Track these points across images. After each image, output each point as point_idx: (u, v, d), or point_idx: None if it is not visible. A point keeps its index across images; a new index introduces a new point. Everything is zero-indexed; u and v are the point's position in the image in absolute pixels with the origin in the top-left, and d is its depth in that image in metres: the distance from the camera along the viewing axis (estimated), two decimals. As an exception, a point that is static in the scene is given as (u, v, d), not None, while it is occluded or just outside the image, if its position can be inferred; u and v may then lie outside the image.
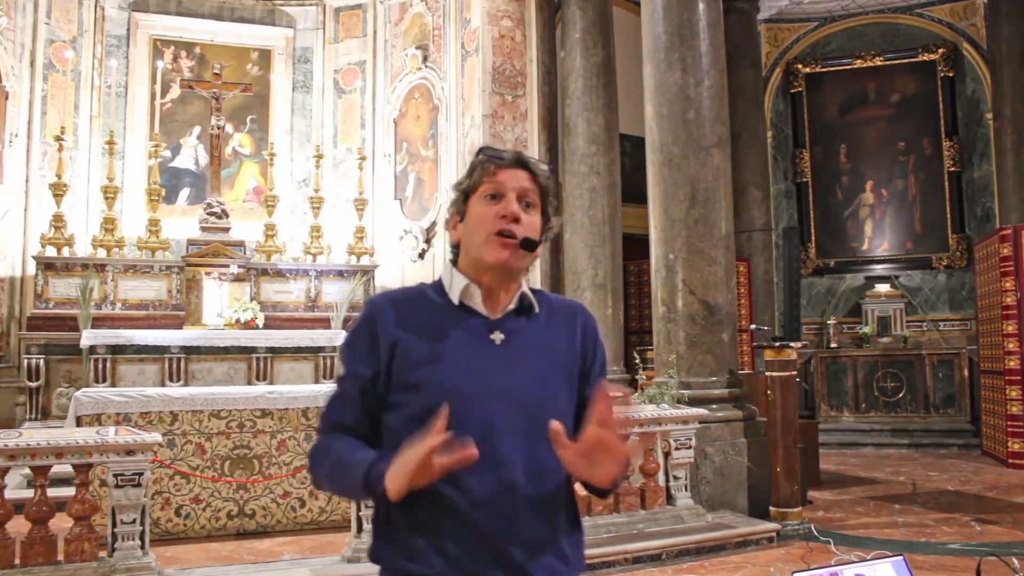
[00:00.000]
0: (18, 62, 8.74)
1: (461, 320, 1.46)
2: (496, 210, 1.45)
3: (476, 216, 1.47)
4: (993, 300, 8.23)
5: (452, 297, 1.48)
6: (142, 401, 4.97)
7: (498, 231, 1.44)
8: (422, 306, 1.48)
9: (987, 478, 7.30)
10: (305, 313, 8.83)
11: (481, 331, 1.46)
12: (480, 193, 1.48)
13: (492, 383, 1.42)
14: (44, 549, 3.79)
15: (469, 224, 1.48)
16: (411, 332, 1.44)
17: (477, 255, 1.46)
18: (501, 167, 1.48)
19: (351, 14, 10.11)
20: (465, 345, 1.44)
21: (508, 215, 1.44)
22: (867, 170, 10.63)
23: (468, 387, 1.41)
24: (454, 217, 1.52)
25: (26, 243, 8.54)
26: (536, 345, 1.49)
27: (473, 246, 1.46)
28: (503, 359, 1.45)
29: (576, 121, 8.31)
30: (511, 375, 1.44)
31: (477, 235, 1.45)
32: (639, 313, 10.31)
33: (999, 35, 9.55)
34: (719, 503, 5.44)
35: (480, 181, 1.48)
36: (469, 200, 1.49)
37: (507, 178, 1.47)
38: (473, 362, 1.43)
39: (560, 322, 1.54)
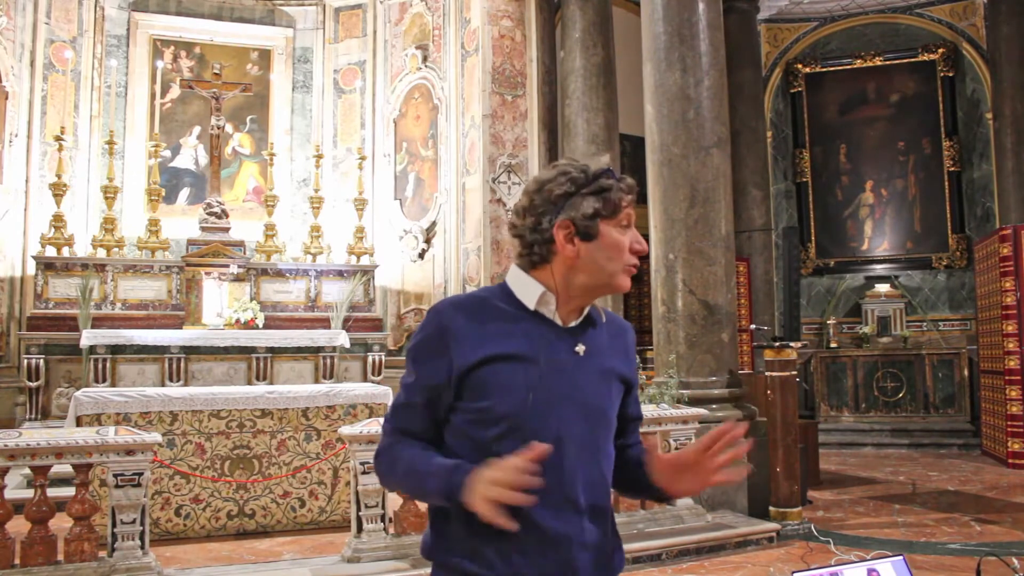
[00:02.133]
0: (18, 62, 8.74)
1: (537, 326, 1.49)
2: (630, 243, 1.51)
3: (613, 243, 1.49)
4: (993, 300, 8.23)
5: (527, 303, 1.50)
6: (142, 401, 4.97)
7: (631, 263, 1.51)
8: (492, 312, 1.49)
9: (987, 478, 7.30)
10: (305, 313, 8.82)
11: (559, 340, 1.49)
12: (618, 221, 1.50)
13: (568, 393, 1.46)
14: (44, 549, 3.79)
15: (602, 248, 1.49)
16: (485, 337, 1.45)
17: (607, 280, 1.50)
18: (631, 198, 1.53)
19: (351, 14, 10.11)
20: (545, 352, 1.47)
21: (642, 251, 1.52)
22: (867, 170, 10.63)
23: (545, 395, 1.44)
24: (568, 229, 1.49)
25: (26, 243, 8.53)
26: (601, 358, 1.53)
27: (603, 271, 1.49)
28: (580, 370, 1.49)
29: (576, 121, 8.31)
30: (584, 387, 1.49)
31: (611, 263, 1.49)
32: (639, 313, 10.31)
33: (999, 35, 9.55)
34: (719, 503, 5.44)
35: (619, 208, 1.50)
36: (602, 222, 1.49)
37: (633, 211, 1.53)
38: (553, 370, 1.46)
39: (614, 338, 1.59)
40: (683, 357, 5.68)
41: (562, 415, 1.45)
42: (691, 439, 5.13)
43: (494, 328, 1.47)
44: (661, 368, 5.78)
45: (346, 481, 5.23)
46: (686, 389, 5.53)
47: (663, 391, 5.43)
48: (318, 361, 8.25)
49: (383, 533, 4.36)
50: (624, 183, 1.52)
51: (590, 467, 1.48)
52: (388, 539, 4.36)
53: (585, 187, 1.49)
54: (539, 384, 1.44)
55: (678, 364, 5.64)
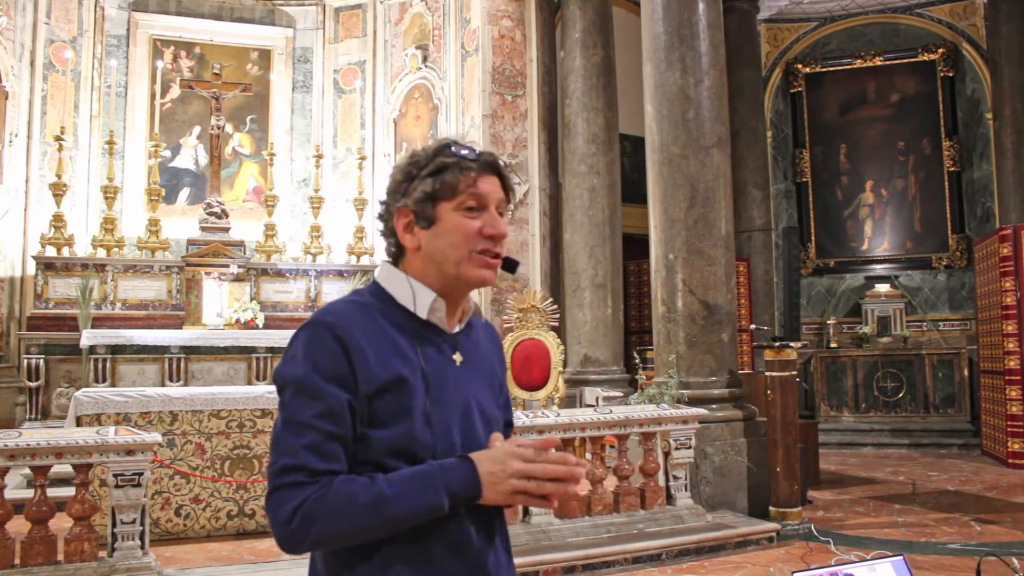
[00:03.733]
0: (18, 62, 8.74)
1: (429, 338, 1.34)
2: (479, 227, 1.32)
3: (453, 228, 1.31)
4: (993, 300, 8.23)
5: (420, 312, 1.34)
6: (142, 401, 4.97)
7: (482, 250, 1.32)
8: (385, 325, 1.31)
9: (987, 478, 7.30)
10: (305, 313, 8.82)
11: (443, 349, 1.36)
12: (458, 202, 1.32)
13: (464, 407, 1.35)
14: (44, 549, 3.79)
15: (443, 235, 1.32)
16: (388, 358, 1.28)
17: (454, 271, 1.32)
18: (479, 173, 1.33)
19: (351, 14, 10.12)
20: (438, 368, 1.33)
21: (497, 235, 1.33)
22: (867, 170, 10.62)
23: (453, 415, 1.32)
24: (407, 218, 1.34)
25: (26, 243, 8.54)
26: (480, 363, 1.42)
27: (447, 260, 1.32)
28: (465, 381, 1.37)
29: (576, 121, 8.31)
30: (476, 396, 1.38)
31: (455, 250, 1.31)
32: (639, 313, 10.31)
33: (999, 35, 9.54)
34: (719, 503, 5.44)
35: (457, 187, 1.31)
36: (438, 205, 1.32)
37: (487, 187, 1.33)
38: (449, 386, 1.33)
39: (484, 339, 1.47)
40: (683, 357, 5.68)
41: (466, 429, 1.33)
42: (691, 439, 5.14)
43: (386, 343, 1.29)
44: (661, 368, 5.78)
45: (346, 481, 5.22)
46: (686, 389, 5.52)
47: (663, 391, 5.43)
48: (318, 361, 8.24)
49: (383, 533, 4.35)
50: (467, 157, 1.32)
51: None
52: (388, 539, 4.35)
53: (424, 167, 1.33)
54: (434, 405, 1.29)
55: (678, 364, 5.64)
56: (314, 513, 1.19)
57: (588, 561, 4.46)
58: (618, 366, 8.20)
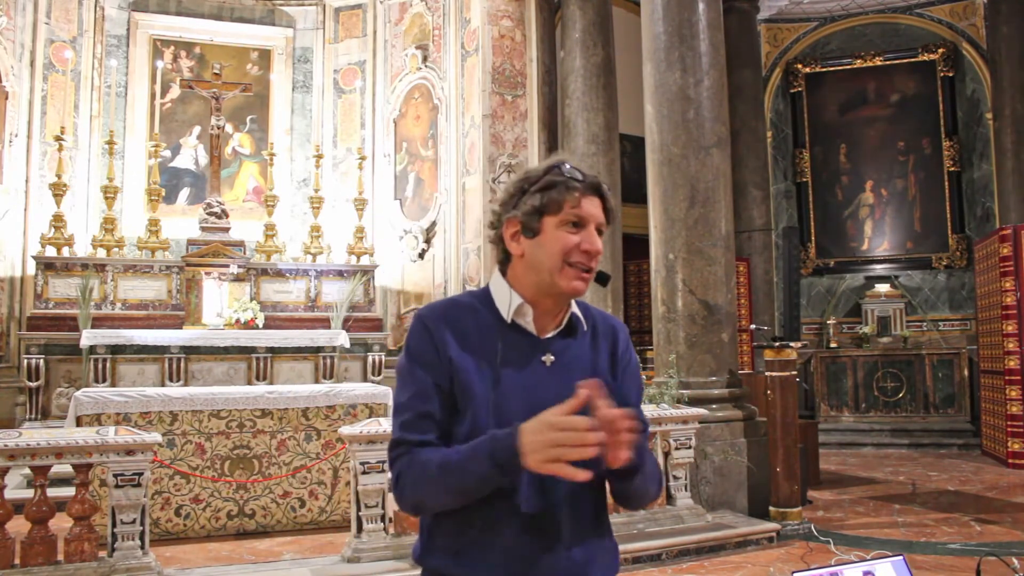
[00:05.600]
0: (18, 62, 8.74)
1: (512, 339, 1.46)
2: (578, 242, 1.44)
3: (555, 241, 1.43)
4: (993, 300, 8.23)
5: (504, 314, 1.47)
6: (142, 401, 4.97)
7: (576, 263, 1.44)
8: (473, 323, 1.46)
9: (987, 478, 7.30)
10: (305, 313, 8.82)
11: (532, 351, 1.46)
12: (562, 218, 1.44)
13: (543, 405, 1.38)
14: (44, 549, 3.79)
15: (544, 246, 1.44)
16: (465, 352, 1.43)
17: (549, 280, 1.44)
18: (584, 193, 1.45)
19: (351, 14, 10.11)
20: (516, 366, 1.44)
21: (592, 252, 1.45)
22: (867, 170, 10.63)
23: (519, 408, 1.39)
24: (514, 228, 1.47)
25: (26, 243, 8.53)
26: (581, 364, 1.49)
27: (545, 269, 1.44)
28: (552, 380, 1.45)
29: (576, 121, 8.31)
30: (560, 397, 1.40)
31: (553, 260, 1.43)
32: (639, 313, 10.31)
33: (999, 35, 9.55)
34: (719, 503, 5.44)
35: (562, 204, 1.43)
36: (544, 219, 1.44)
37: (589, 207, 1.45)
38: (524, 383, 1.43)
39: (601, 340, 1.55)
40: (683, 357, 5.68)
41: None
42: (691, 439, 5.14)
43: (472, 341, 1.44)
44: (661, 368, 5.78)
45: (346, 481, 5.23)
46: (686, 389, 5.52)
47: (663, 391, 5.43)
48: (318, 361, 8.25)
49: (383, 533, 4.36)
50: (574, 178, 1.44)
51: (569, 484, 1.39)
52: (388, 539, 4.36)
53: (535, 183, 1.45)
54: (511, 398, 1.41)
55: (678, 364, 5.64)
56: (405, 479, 1.42)
57: (588, 561, 4.45)
58: (618, 366, 8.18)
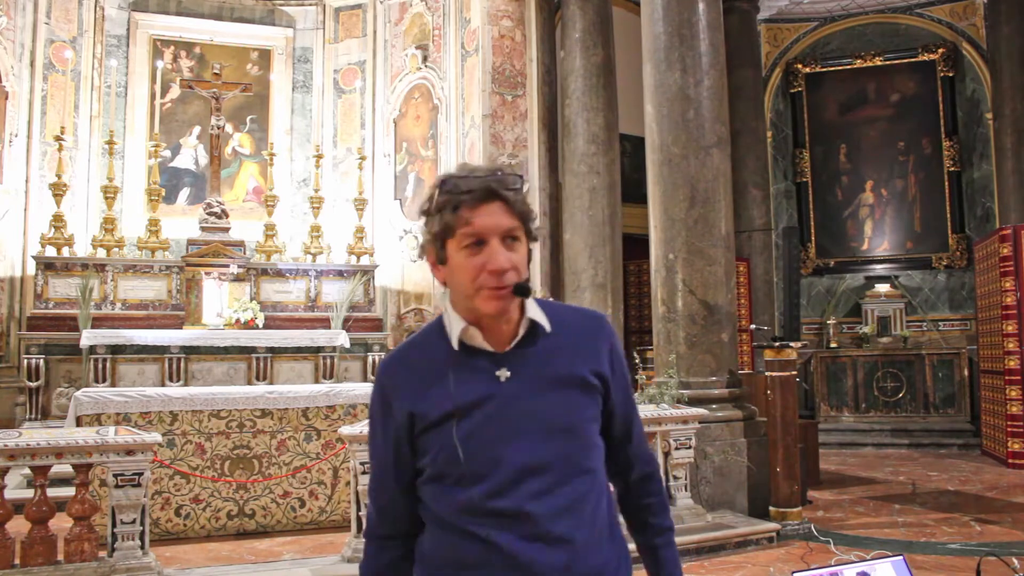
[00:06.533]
0: (18, 62, 8.74)
1: (467, 363, 1.37)
2: (481, 263, 1.31)
3: (459, 267, 1.33)
4: (993, 300, 8.23)
5: (452, 342, 1.39)
6: (142, 401, 4.97)
7: (485, 285, 1.32)
8: (426, 360, 1.40)
9: (987, 478, 7.30)
10: (305, 313, 8.82)
11: (488, 369, 1.36)
12: (459, 241, 1.32)
13: (509, 422, 1.34)
14: (44, 549, 3.79)
15: (455, 273, 1.35)
16: (419, 393, 1.38)
17: (469, 304, 1.35)
18: (473, 207, 1.30)
19: (351, 14, 10.11)
20: (472, 390, 1.35)
21: (496, 271, 1.30)
22: (867, 170, 10.62)
23: (488, 432, 1.33)
24: (431, 257, 1.38)
25: (26, 243, 8.54)
26: (545, 371, 1.38)
27: (462, 295, 1.35)
28: (513, 393, 1.35)
29: (576, 121, 8.31)
30: (534, 405, 1.36)
31: (465, 287, 1.33)
32: (639, 313, 10.31)
33: (999, 35, 9.54)
34: (719, 503, 5.43)
35: (454, 226, 1.31)
36: (447, 244, 1.34)
37: (484, 220, 1.30)
38: (485, 405, 1.34)
39: (577, 338, 1.43)
40: (683, 357, 5.68)
41: (511, 446, 1.33)
42: (691, 439, 5.13)
43: (426, 379, 1.38)
44: (661, 368, 5.78)
45: (346, 481, 5.23)
46: (686, 389, 5.52)
47: (663, 391, 5.42)
48: (318, 361, 8.25)
49: (383, 533, 4.35)
50: (465, 191, 1.30)
51: (563, 492, 1.34)
52: (388, 539, 4.34)
53: (432, 203, 1.35)
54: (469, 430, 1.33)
55: (678, 364, 5.64)
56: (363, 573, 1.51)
57: (588, 561, 4.45)
58: (618, 366, 8.18)
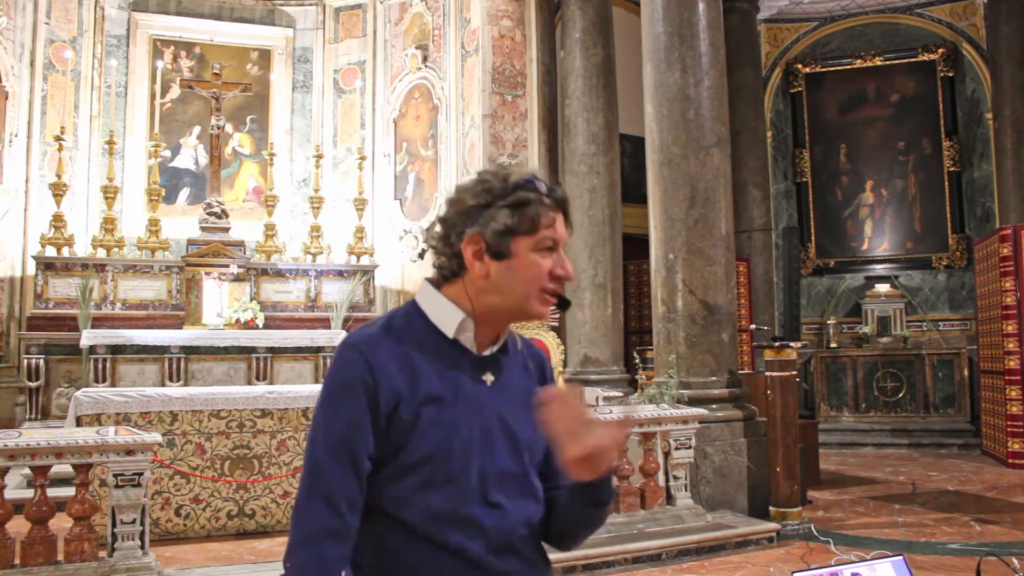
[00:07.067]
0: (18, 62, 8.74)
1: (453, 358, 1.35)
2: (551, 267, 1.33)
3: (530, 266, 1.32)
4: (993, 300, 8.23)
5: (446, 331, 1.35)
6: (142, 401, 4.97)
7: (548, 289, 1.34)
8: (413, 344, 1.34)
9: (987, 478, 7.30)
10: (305, 313, 8.82)
11: (472, 370, 1.36)
12: (537, 241, 1.32)
13: (489, 427, 1.35)
14: (44, 549, 3.79)
15: (517, 271, 1.32)
16: (408, 374, 1.31)
17: (517, 304, 1.34)
18: (555, 213, 1.34)
19: (351, 14, 10.11)
20: (460, 386, 1.34)
21: (565, 278, 1.35)
22: (867, 170, 10.62)
23: (470, 431, 1.33)
24: (478, 246, 1.33)
25: (26, 243, 8.53)
26: (518, 385, 1.42)
27: (514, 294, 1.33)
28: (495, 401, 1.36)
29: (576, 121, 8.31)
30: (506, 417, 1.37)
31: (526, 287, 1.33)
32: (639, 313, 10.31)
33: (999, 35, 9.54)
34: (719, 503, 5.44)
35: (538, 226, 1.32)
36: (516, 240, 1.32)
37: (560, 229, 1.35)
38: (471, 404, 1.34)
39: (531, 365, 1.47)
40: (683, 357, 5.68)
41: (486, 452, 1.33)
42: (691, 439, 5.14)
43: (415, 362, 1.32)
44: (661, 368, 5.78)
45: (346, 481, 5.22)
46: (686, 389, 5.52)
47: (663, 391, 5.43)
48: (318, 361, 8.25)
49: (383, 533, 4.35)
50: (549, 197, 1.34)
51: (524, 503, 1.37)
52: (388, 539, 4.35)
53: (502, 199, 1.32)
54: (458, 423, 1.31)
55: (678, 364, 5.64)
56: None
57: (588, 561, 4.46)
58: (618, 366, 8.20)
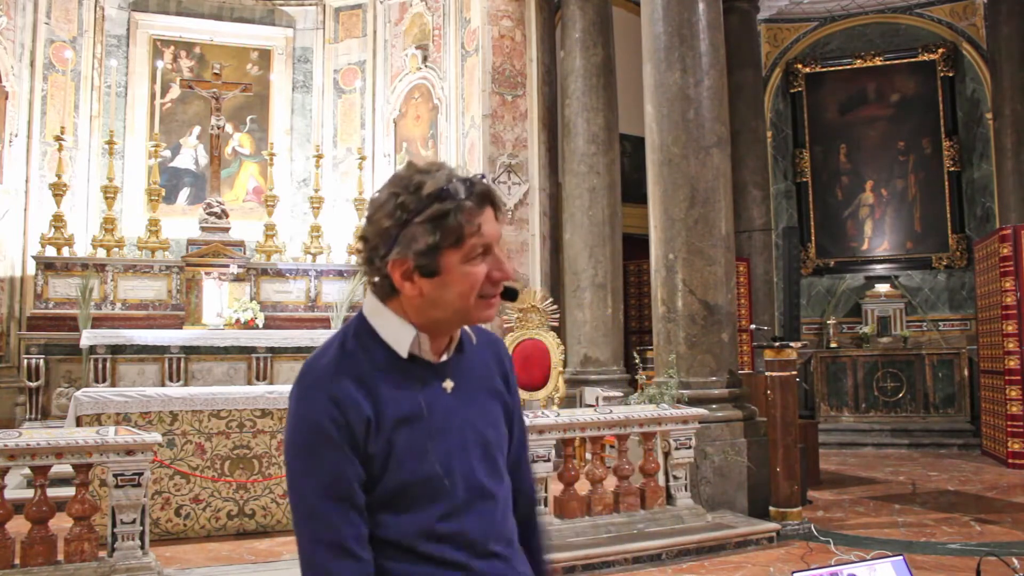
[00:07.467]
0: (18, 62, 8.74)
1: (413, 373, 1.30)
2: (486, 271, 1.27)
3: (461, 278, 1.25)
4: (993, 300, 8.23)
5: (400, 350, 1.30)
6: (142, 401, 4.97)
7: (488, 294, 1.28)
8: (371, 369, 1.28)
9: (987, 478, 7.30)
10: (305, 313, 8.83)
11: (432, 380, 1.32)
12: (466, 252, 1.25)
13: (456, 435, 1.32)
14: (44, 549, 3.79)
15: (449, 285, 1.25)
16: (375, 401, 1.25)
17: (458, 316, 1.29)
18: (478, 214, 1.26)
19: (351, 14, 10.12)
20: (424, 401, 1.30)
21: (506, 278, 1.28)
22: (867, 170, 10.62)
23: (442, 444, 1.29)
24: (404, 267, 1.25)
25: (26, 243, 8.54)
26: (477, 383, 1.38)
27: (452, 307, 1.27)
28: (458, 406, 1.33)
29: (576, 121, 8.31)
30: (473, 420, 1.35)
31: (460, 299, 1.26)
32: (639, 313, 10.31)
33: (999, 35, 9.54)
34: (719, 503, 5.43)
35: (463, 236, 1.24)
36: (443, 255, 1.24)
37: (490, 227, 1.27)
38: (435, 417, 1.30)
39: (487, 355, 1.44)
40: (683, 357, 5.68)
41: (464, 462, 1.31)
42: (691, 439, 5.14)
43: (377, 387, 1.26)
44: (661, 368, 5.78)
45: (346, 481, 5.22)
46: (686, 389, 5.53)
47: (663, 391, 5.43)
48: (318, 361, 8.24)
49: (383, 533, 4.35)
50: (470, 199, 1.25)
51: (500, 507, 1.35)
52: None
53: (418, 215, 1.23)
54: (432, 441, 1.28)
55: (678, 364, 5.64)
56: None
57: (588, 561, 4.46)
58: (618, 366, 8.20)
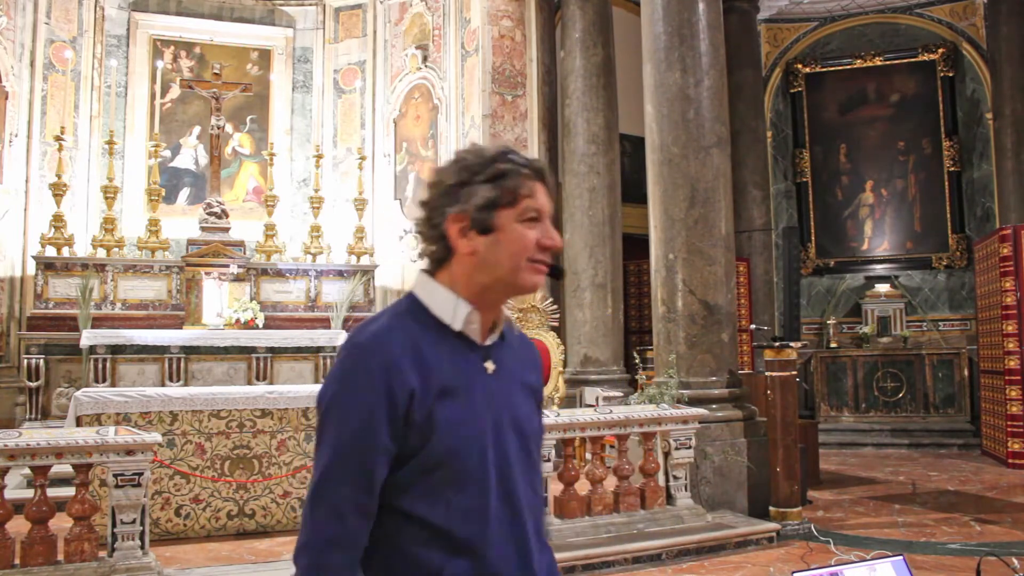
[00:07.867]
0: (18, 62, 8.74)
1: (462, 351, 1.34)
2: (537, 237, 1.33)
3: (515, 238, 1.32)
4: (993, 300, 8.23)
5: (453, 324, 1.34)
6: (142, 401, 4.97)
7: (537, 259, 1.34)
8: (419, 338, 1.32)
9: (987, 478, 7.30)
10: (305, 313, 8.82)
11: (477, 360, 1.36)
12: (520, 211, 1.32)
13: (499, 417, 1.35)
14: (44, 549, 3.79)
15: (503, 243, 1.32)
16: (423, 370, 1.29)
17: (508, 278, 1.33)
18: (535, 183, 1.34)
19: (351, 14, 10.12)
20: (469, 379, 1.34)
21: (552, 247, 1.35)
22: (867, 170, 10.62)
23: (482, 424, 1.33)
24: (462, 223, 1.32)
25: (26, 243, 8.54)
26: (517, 373, 1.43)
27: (503, 267, 1.32)
28: (498, 389, 1.37)
29: (576, 121, 8.31)
30: (510, 405, 1.38)
31: (513, 259, 1.32)
32: (639, 313, 10.31)
33: (999, 35, 9.55)
34: (719, 503, 5.43)
35: (518, 196, 1.32)
36: (498, 213, 1.31)
37: (542, 198, 1.35)
38: (479, 397, 1.33)
39: (524, 352, 1.48)
40: (683, 357, 5.68)
41: (499, 446, 1.34)
42: (691, 439, 5.14)
43: (425, 356, 1.30)
44: (661, 368, 5.78)
45: (346, 481, 5.22)
46: (686, 389, 5.52)
47: (663, 391, 5.43)
48: (318, 361, 8.25)
49: (383, 533, 4.35)
50: (527, 166, 1.33)
51: (532, 490, 1.39)
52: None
53: (480, 173, 1.32)
54: (473, 418, 1.31)
55: (678, 364, 5.64)
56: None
57: (588, 561, 4.46)
58: (618, 366, 8.20)
